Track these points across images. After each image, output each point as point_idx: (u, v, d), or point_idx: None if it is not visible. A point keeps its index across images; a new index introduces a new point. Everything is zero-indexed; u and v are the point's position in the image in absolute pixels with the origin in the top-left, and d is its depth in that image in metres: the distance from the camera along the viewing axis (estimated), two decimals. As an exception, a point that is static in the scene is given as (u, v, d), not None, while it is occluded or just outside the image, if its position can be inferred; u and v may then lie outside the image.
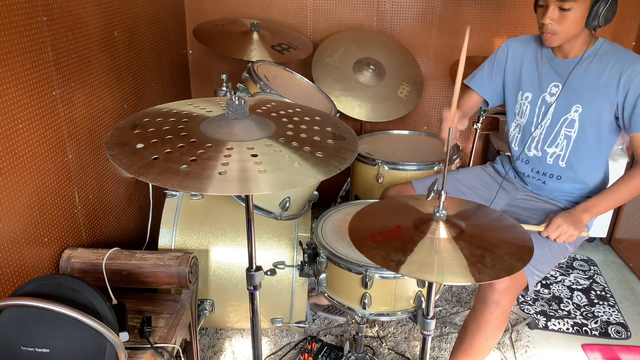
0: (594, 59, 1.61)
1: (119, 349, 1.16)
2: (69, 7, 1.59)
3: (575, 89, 1.64)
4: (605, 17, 1.52)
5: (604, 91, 1.58)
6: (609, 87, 1.57)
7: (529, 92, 1.76)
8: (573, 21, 1.53)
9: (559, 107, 1.68)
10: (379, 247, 1.15)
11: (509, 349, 2.05)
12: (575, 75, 1.63)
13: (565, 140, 1.69)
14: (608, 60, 1.58)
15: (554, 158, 1.73)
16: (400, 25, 2.82)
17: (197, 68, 2.95)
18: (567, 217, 1.58)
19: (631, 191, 1.58)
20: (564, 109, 1.67)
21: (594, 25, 1.54)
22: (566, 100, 1.66)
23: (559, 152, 1.71)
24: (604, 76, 1.58)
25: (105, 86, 1.87)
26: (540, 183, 1.79)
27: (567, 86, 1.65)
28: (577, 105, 1.64)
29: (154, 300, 1.62)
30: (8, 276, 1.34)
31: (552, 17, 1.54)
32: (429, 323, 1.30)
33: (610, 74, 1.57)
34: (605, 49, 1.61)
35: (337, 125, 1.22)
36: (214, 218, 1.88)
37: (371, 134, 2.54)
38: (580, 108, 1.64)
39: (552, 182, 1.76)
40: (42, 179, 1.48)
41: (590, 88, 1.61)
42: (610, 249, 2.84)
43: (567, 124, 1.67)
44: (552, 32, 1.57)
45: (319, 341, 2.00)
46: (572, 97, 1.65)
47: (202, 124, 1.11)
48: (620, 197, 1.59)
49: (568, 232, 1.56)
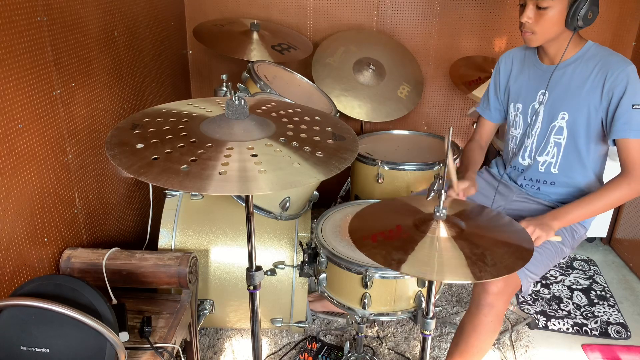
0: (580, 64, 1.59)
1: (119, 349, 1.16)
2: (69, 7, 1.59)
3: (561, 95, 1.63)
4: (584, 17, 1.49)
5: (589, 97, 1.57)
6: (594, 93, 1.55)
7: (519, 103, 1.76)
8: (550, 20, 1.52)
9: (547, 114, 1.67)
10: (379, 247, 1.15)
11: (509, 349, 2.05)
12: (561, 81, 1.62)
13: (556, 148, 1.68)
14: (594, 65, 1.56)
15: (545, 166, 1.72)
16: (400, 25, 2.82)
17: (197, 68, 2.95)
18: (532, 221, 1.54)
19: (607, 203, 1.56)
20: (551, 116, 1.66)
21: (574, 25, 1.51)
22: (553, 107, 1.65)
23: (550, 159, 1.71)
24: (588, 82, 1.56)
25: (105, 86, 1.86)
26: (534, 190, 1.78)
27: (553, 93, 1.64)
28: (563, 112, 1.63)
29: (154, 300, 1.62)
30: (8, 276, 1.34)
31: (529, 16, 1.53)
32: (429, 323, 1.30)
33: (596, 79, 1.55)
34: (592, 52, 1.58)
35: (337, 125, 1.22)
36: (214, 218, 1.88)
37: (371, 134, 2.54)
38: (566, 115, 1.63)
39: (546, 187, 1.75)
40: (42, 179, 1.48)
41: (575, 94, 1.59)
42: (610, 249, 2.84)
43: (556, 131, 1.66)
44: (530, 31, 1.56)
45: (319, 341, 2.00)
46: (558, 104, 1.64)
47: (202, 124, 1.11)
48: (594, 208, 1.56)
49: (534, 235, 1.51)
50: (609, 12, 2.69)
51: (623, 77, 1.50)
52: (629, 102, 1.49)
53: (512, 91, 1.78)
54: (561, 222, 1.57)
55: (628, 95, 1.49)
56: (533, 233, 1.51)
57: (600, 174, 1.74)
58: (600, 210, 1.58)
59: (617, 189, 1.55)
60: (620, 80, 1.50)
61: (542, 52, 1.67)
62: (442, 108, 3.00)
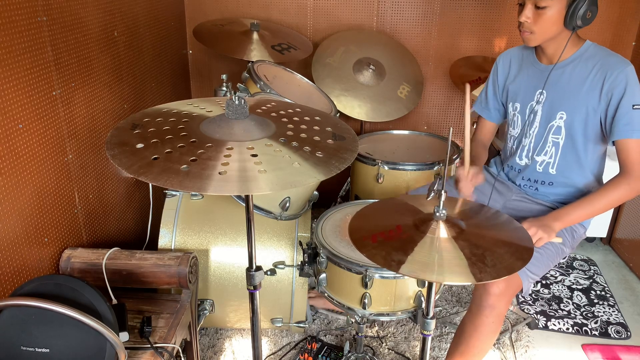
0: (579, 64, 1.58)
1: (119, 349, 1.16)
2: (69, 7, 1.59)
3: (560, 95, 1.63)
4: (583, 17, 1.49)
5: (587, 97, 1.56)
6: (592, 93, 1.55)
7: (517, 103, 1.76)
8: (549, 20, 1.52)
9: (545, 114, 1.67)
10: (379, 247, 1.15)
11: (509, 349, 2.05)
12: (559, 81, 1.62)
13: (554, 148, 1.68)
14: (593, 65, 1.56)
15: (543, 166, 1.72)
16: (400, 25, 2.82)
17: (197, 68, 2.95)
18: (534, 222, 1.54)
19: (607, 203, 1.56)
20: (549, 116, 1.66)
21: (572, 25, 1.51)
22: (551, 107, 1.65)
23: (548, 159, 1.70)
24: (587, 82, 1.56)
25: (105, 86, 1.86)
26: (532, 190, 1.78)
27: (551, 93, 1.64)
28: (561, 112, 1.63)
29: (154, 300, 1.62)
30: (8, 276, 1.34)
31: (527, 15, 1.53)
32: (429, 323, 1.30)
33: (594, 79, 1.54)
34: (591, 52, 1.58)
35: (337, 125, 1.22)
36: (214, 218, 1.88)
37: (371, 134, 2.54)
38: (564, 115, 1.62)
39: (545, 188, 1.75)
40: (42, 179, 1.48)
41: (573, 94, 1.59)
42: (610, 249, 2.84)
43: (554, 130, 1.66)
44: (528, 30, 1.56)
45: (319, 341, 2.01)
46: (556, 104, 1.64)
47: (202, 124, 1.11)
48: (594, 208, 1.57)
49: (536, 236, 1.51)
50: (609, 12, 2.69)
51: (622, 77, 1.50)
52: (629, 103, 1.49)
53: (511, 91, 1.78)
54: (563, 223, 1.58)
55: (628, 96, 1.49)
56: (535, 235, 1.51)
57: (599, 174, 1.74)
58: (601, 210, 1.58)
59: (616, 188, 1.55)
60: (620, 81, 1.50)
61: (541, 51, 1.67)
62: (442, 108, 3.00)
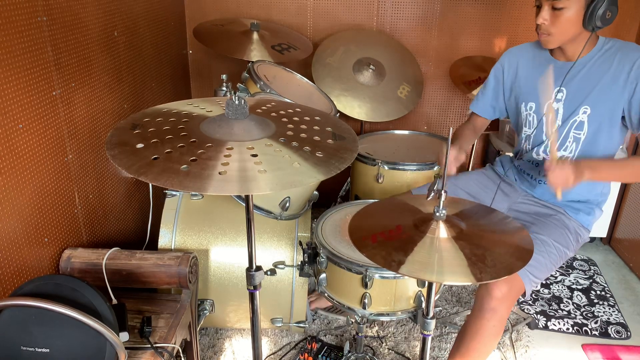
0: (599, 58, 1.57)
1: (119, 349, 1.16)
2: (69, 7, 1.59)
3: (582, 90, 1.60)
4: (602, 17, 1.47)
5: (612, 89, 1.55)
6: (616, 84, 1.54)
7: (532, 102, 1.72)
8: (567, 21, 1.49)
9: (567, 111, 1.65)
10: (379, 247, 1.14)
11: (509, 349, 2.05)
12: (580, 77, 1.60)
13: (575, 143, 1.66)
14: (613, 57, 1.54)
15: None
16: (400, 25, 2.82)
17: (197, 68, 2.95)
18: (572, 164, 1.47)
19: (633, 172, 1.55)
20: (571, 112, 1.63)
21: (592, 26, 1.49)
22: (573, 103, 1.63)
23: (568, 154, 1.68)
24: (609, 73, 1.54)
25: (105, 86, 1.86)
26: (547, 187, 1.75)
27: (572, 89, 1.62)
28: (585, 107, 1.60)
29: (154, 300, 1.62)
30: (8, 276, 1.34)
31: (545, 17, 1.51)
32: (429, 323, 1.30)
33: (617, 69, 1.53)
34: (609, 46, 1.57)
35: (337, 125, 1.22)
36: (214, 218, 1.88)
37: (371, 134, 2.54)
38: (589, 109, 1.60)
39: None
40: (42, 179, 1.48)
41: (597, 88, 1.57)
42: (610, 249, 2.84)
43: (576, 126, 1.64)
44: (546, 32, 1.54)
45: (319, 341, 2.00)
46: (579, 100, 1.61)
47: (202, 124, 1.11)
48: (622, 172, 1.56)
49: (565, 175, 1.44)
50: (609, 12, 2.69)
51: None
52: None
53: (523, 91, 1.75)
54: (593, 174, 1.51)
55: None
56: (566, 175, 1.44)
57: None
58: (627, 177, 1.61)
59: None
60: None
61: (558, 49, 1.64)
62: (442, 108, 3.00)
